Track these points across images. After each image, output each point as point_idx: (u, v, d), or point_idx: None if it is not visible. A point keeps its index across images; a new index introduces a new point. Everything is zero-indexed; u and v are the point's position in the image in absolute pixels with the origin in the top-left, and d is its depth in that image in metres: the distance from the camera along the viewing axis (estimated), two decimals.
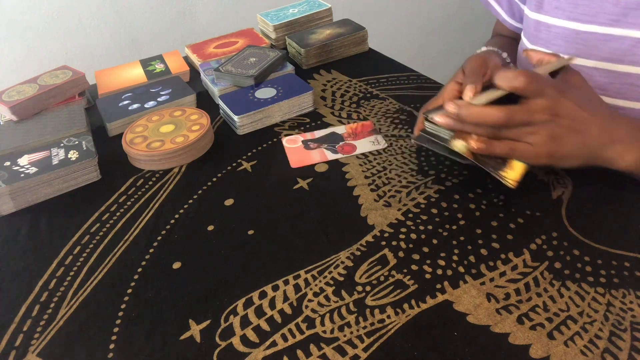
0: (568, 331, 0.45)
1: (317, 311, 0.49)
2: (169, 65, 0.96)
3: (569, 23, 0.67)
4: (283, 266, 0.54)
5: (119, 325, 0.50)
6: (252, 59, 0.89)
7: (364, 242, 0.56)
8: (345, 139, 0.72)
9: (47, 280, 0.56)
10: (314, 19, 1.05)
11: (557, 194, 0.60)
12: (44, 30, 1.38)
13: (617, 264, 0.50)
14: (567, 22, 0.68)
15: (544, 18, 0.71)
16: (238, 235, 0.59)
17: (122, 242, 0.60)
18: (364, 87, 0.87)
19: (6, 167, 0.69)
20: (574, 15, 0.67)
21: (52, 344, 0.49)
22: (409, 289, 0.50)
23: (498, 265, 0.52)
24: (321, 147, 0.71)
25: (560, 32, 0.69)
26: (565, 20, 0.68)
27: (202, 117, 0.77)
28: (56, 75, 0.87)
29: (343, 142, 0.72)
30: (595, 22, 0.65)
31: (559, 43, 0.69)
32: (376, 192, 0.63)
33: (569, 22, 0.67)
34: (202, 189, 0.67)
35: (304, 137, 0.74)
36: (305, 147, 0.71)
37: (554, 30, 0.70)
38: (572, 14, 0.67)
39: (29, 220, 0.65)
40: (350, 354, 0.45)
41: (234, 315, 0.50)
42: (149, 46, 1.51)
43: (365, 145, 0.71)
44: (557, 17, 0.69)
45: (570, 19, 0.67)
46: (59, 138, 0.75)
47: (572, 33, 0.67)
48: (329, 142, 0.72)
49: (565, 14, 0.68)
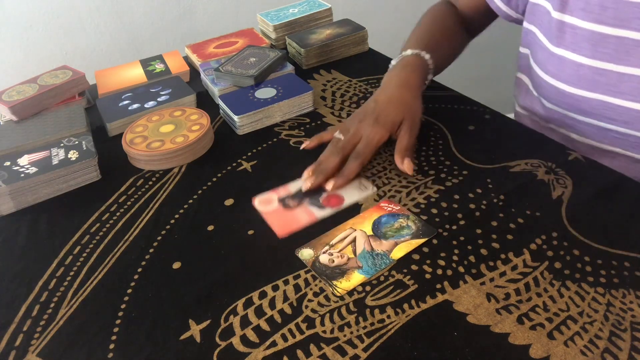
0: (568, 331, 0.45)
1: (317, 311, 0.49)
2: (169, 65, 0.96)
3: (597, 26, 0.65)
4: (283, 266, 0.54)
5: (119, 325, 0.50)
6: (252, 59, 0.89)
7: None
8: (325, 189, 0.64)
9: (47, 280, 0.56)
10: (314, 19, 1.05)
11: (557, 194, 0.60)
12: (44, 30, 1.38)
13: (617, 264, 0.50)
14: (594, 25, 0.65)
15: (569, 19, 0.68)
16: (238, 235, 0.59)
17: (122, 242, 0.60)
18: (364, 87, 0.87)
19: (6, 167, 0.69)
20: (602, 19, 0.65)
21: (52, 344, 0.49)
22: (409, 289, 0.50)
23: (498, 265, 0.52)
24: (302, 203, 0.62)
25: (587, 35, 0.66)
26: (592, 23, 0.66)
27: (202, 117, 0.77)
28: (56, 75, 0.87)
29: (325, 192, 0.63)
30: (627, 27, 0.63)
31: (586, 46, 0.67)
32: (376, 192, 0.63)
33: (597, 25, 0.65)
34: (202, 189, 0.67)
35: (277, 194, 0.64)
36: (284, 206, 0.62)
37: (579, 32, 0.67)
38: (600, 16, 0.65)
39: (29, 220, 0.65)
40: (350, 354, 0.45)
41: (234, 315, 0.50)
42: (149, 46, 1.51)
43: (353, 194, 0.62)
44: (584, 19, 0.66)
45: (598, 22, 0.65)
46: (59, 138, 0.75)
47: (600, 37, 0.65)
48: (309, 196, 0.63)
49: (592, 16, 0.65)
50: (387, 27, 1.90)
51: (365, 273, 0.52)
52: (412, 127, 0.67)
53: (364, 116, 0.68)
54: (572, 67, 0.69)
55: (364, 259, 0.54)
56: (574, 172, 0.62)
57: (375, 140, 0.65)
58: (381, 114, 0.67)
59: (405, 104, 0.68)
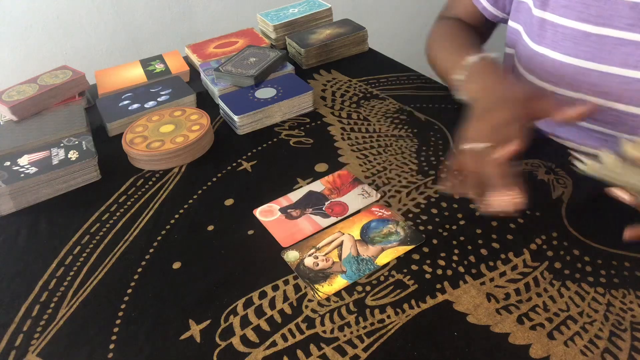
0: (568, 331, 0.45)
1: (317, 311, 0.49)
2: (169, 65, 0.96)
3: (579, 24, 0.64)
4: (283, 266, 0.54)
5: (119, 325, 0.50)
6: (252, 59, 0.89)
7: None
8: (328, 197, 0.63)
9: (47, 280, 0.56)
10: (314, 19, 1.05)
11: (557, 194, 0.60)
12: (44, 30, 1.38)
13: (617, 264, 0.50)
14: (576, 23, 0.65)
15: (550, 16, 0.67)
16: (238, 235, 0.59)
17: (122, 242, 0.60)
18: (364, 87, 0.87)
19: (6, 167, 0.69)
20: (585, 16, 0.64)
21: (52, 344, 0.49)
22: (409, 289, 0.50)
23: (498, 265, 0.52)
24: (305, 212, 0.61)
25: (569, 33, 0.66)
26: (574, 21, 0.65)
27: (202, 117, 0.77)
28: (56, 75, 0.87)
29: (328, 202, 0.62)
30: (610, 25, 0.62)
31: (567, 45, 0.66)
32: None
33: (579, 23, 0.64)
34: (202, 189, 0.67)
35: (279, 205, 0.62)
36: (286, 216, 0.60)
37: (561, 30, 0.66)
38: (582, 14, 0.64)
39: (29, 220, 0.65)
40: (350, 354, 0.45)
41: (234, 315, 0.50)
42: (149, 46, 1.51)
43: (357, 201, 0.62)
44: (565, 17, 0.66)
45: (580, 19, 0.64)
46: (59, 138, 0.75)
47: (582, 35, 0.64)
48: (312, 205, 0.62)
49: (574, 14, 0.65)
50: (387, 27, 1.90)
51: (348, 278, 0.52)
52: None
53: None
54: (553, 65, 0.68)
55: (349, 264, 0.53)
56: (574, 172, 0.62)
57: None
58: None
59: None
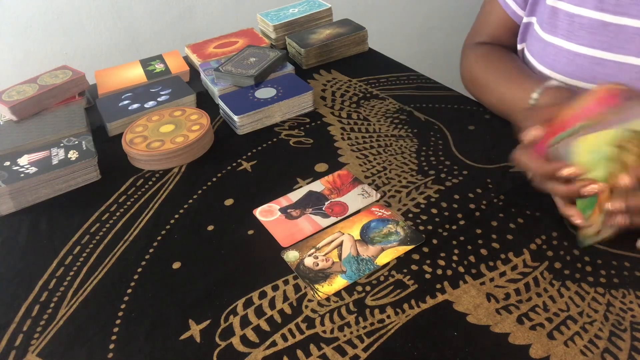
0: (568, 331, 0.45)
1: (317, 311, 0.49)
2: (168, 65, 0.96)
3: (595, 13, 0.63)
4: (283, 266, 0.54)
5: (119, 325, 0.50)
6: (252, 59, 0.89)
7: None
8: (328, 197, 0.63)
9: (47, 280, 0.56)
10: (314, 19, 1.05)
11: None
12: (44, 30, 1.38)
13: (617, 264, 0.50)
14: (592, 12, 0.63)
15: (565, 6, 0.66)
16: (238, 235, 0.59)
17: (122, 242, 0.60)
18: (364, 87, 0.87)
19: (6, 167, 0.69)
20: (602, 6, 0.62)
21: (52, 344, 0.49)
22: (409, 289, 0.50)
23: (498, 265, 0.52)
24: (305, 212, 0.61)
25: (585, 22, 0.64)
26: (590, 10, 0.63)
27: (202, 117, 0.77)
28: (56, 75, 0.87)
29: (328, 201, 0.62)
30: (627, 14, 0.61)
31: (582, 35, 0.64)
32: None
33: (595, 12, 0.63)
34: (202, 189, 0.67)
35: (279, 205, 0.62)
36: (286, 216, 0.60)
37: (577, 20, 0.65)
38: (599, 3, 0.63)
39: (29, 220, 0.65)
40: (350, 354, 0.45)
41: (234, 315, 0.50)
42: (149, 46, 1.51)
43: (357, 201, 0.62)
44: (582, 6, 0.64)
45: (597, 9, 0.63)
46: (59, 138, 0.75)
47: (599, 24, 0.63)
48: (312, 205, 0.62)
49: (592, 3, 0.63)
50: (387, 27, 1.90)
51: (348, 278, 0.52)
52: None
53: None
54: (568, 56, 0.67)
55: (349, 264, 0.53)
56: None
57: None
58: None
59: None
